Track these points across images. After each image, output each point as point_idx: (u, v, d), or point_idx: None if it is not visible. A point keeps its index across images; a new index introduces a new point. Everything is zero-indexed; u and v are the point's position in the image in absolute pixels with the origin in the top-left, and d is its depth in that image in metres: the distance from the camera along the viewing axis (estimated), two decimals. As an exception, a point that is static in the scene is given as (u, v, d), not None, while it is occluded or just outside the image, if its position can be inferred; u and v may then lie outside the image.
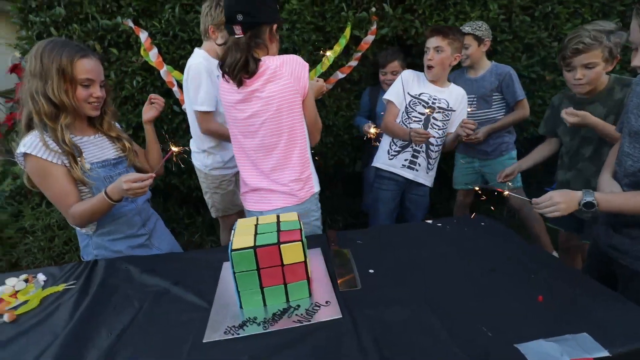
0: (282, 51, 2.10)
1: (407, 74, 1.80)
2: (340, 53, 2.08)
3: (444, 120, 1.77)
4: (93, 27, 1.98)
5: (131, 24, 1.97)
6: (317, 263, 1.07)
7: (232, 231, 0.94)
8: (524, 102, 2.07)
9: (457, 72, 2.10)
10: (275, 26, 1.22)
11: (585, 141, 1.52)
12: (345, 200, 2.86)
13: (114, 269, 1.13)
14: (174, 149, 1.22)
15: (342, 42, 2.06)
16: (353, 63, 2.12)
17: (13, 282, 1.07)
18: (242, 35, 1.15)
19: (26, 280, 1.10)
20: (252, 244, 0.85)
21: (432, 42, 1.69)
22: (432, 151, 1.81)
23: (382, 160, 1.86)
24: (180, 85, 2.06)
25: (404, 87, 1.75)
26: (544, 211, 1.00)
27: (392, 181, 1.84)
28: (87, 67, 1.13)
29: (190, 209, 2.86)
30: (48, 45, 1.12)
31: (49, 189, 1.15)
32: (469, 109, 1.88)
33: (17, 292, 1.05)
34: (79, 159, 1.15)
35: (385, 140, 1.87)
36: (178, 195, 2.70)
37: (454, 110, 1.78)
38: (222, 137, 1.67)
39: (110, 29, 1.97)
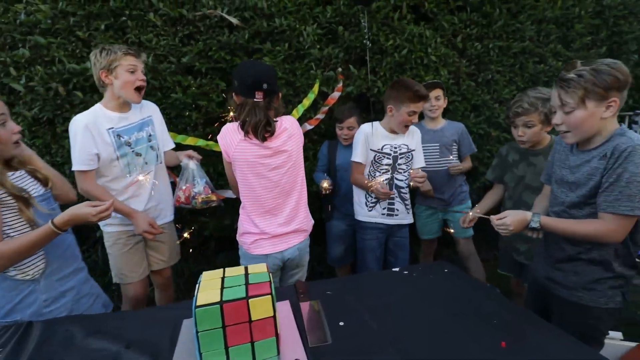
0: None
1: (367, 129, 1.87)
2: (309, 106, 2.20)
3: (408, 163, 1.90)
4: (58, 70, 1.94)
5: (101, 69, 1.96)
6: (285, 317, 1.03)
7: (197, 285, 0.89)
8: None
9: (417, 125, 2.17)
10: (280, 94, 1.48)
11: (529, 189, 1.69)
12: (313, 249, 2.83)
13: (52, 331, 1.00)
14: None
15: (311, 96, 2.20)
16: (320, 116, 2.25)
17: None
18: (262, 100, 1.35)
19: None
20: (218, 299, 0.81)
21: (420, 107, 1.83)
22: (404, 194, 1.92)
23: (361, 213, 1.92)
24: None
25: (367, 144, 1.85)
26: (498, 229, 1.15)
27: (375, 230, 1.89)
28: None
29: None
30: None
31: None
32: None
33: None
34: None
35: (359, 194, 1.93)
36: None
37: (414, 149, 1.92)
38: (97, 199, 1.50)
39: (77, 72, 1.95)
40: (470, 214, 1.35)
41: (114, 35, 2.01)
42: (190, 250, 2.55)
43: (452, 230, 2.10)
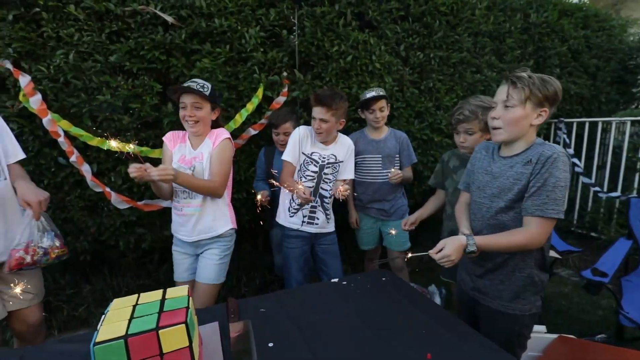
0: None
1: (302, 131, 1.84)
2: (252, 111, 2.14)
3: (334, 173, 1.90)
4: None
5: (9, 66, 1.73)
6: (210, 342, 0.97)
7: (102, 316, 0.80)
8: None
9: (358, 134, 2.21)
10: None
11: None
12: (264, 257, 2.77)
13: None
14: None
15: (255, 101, 2.13)
16: (264, 121, 2.19)
17: None
18: None
19: None
20: (122, 333, 0.73)
21: (317, 112, 1.77)
22: (327, 203, 1.90)
23: (283, 217, 1.89)
24: (68, 136, 1.84)
25: (299, 145, 1.83)
26: (440, 262, 1.13)
27: (298, 238, 1.86)
28: None
29: (75, 276, 2.42)
30: None
31: None
32: (393, 169, 2.03)
33: None
34: None
35: (285, 196, 1.88)
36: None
37: (342, 161, 1.92)
38: None
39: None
40: (409, 255, 1.32)
41: (26, 28, 1.78)
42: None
43: (393, 231, 1.95)
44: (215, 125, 1.72)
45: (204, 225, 1.64)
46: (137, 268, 2.60)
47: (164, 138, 1.71)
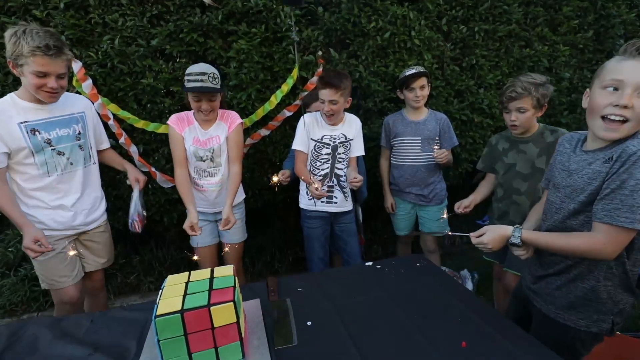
0: (230, 88, 2.12)
1: (308, 119, 1.85)
2: (287, 92, 2.13)
3: (346, 152, 1.90)
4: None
5: (64, 52, 1.84)
6: (253, 318, 1.04)
7: (160, 291, 0.88)
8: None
9: (396, 115, 2.19)
10: None
11: (519, 176, 1.70)
12: (296, 234, 2.85)
13: (17, 337, 0.98)
14: None
15: (290, 82, 2.12)
16: (299, 102, 2.18)
17: None
18: None
19: None
20: (179, 308, 0.80)
21: (326, 94, 1.74)
22: (343, 182, 1.92)
23: (303, 201, 1.94)
24: (116, 119, 1.96)
25: (307, 133, 1.83)
26: (478, 246, 1.09)
27: (317, 219, 1.91)
28: None
29: (125, 246, 2.64)
30: None
31: None
32: (436, 147, 1.99)
33: None
34: None
35: (303, 182, 1.91)
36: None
37: (352, 139, 1.90)
38: (3, 211, 1.40)
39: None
40: (448, 232, 1.29)
41: (76, 15, 1.87)
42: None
43: (445, 215, 1.85)
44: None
45: (223, 198, 1.80)
46: (179, 241, 2.78)
47: (169, 122, 1.73)
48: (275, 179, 1.84)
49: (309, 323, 1.02)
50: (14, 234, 2.43)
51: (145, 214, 1.77)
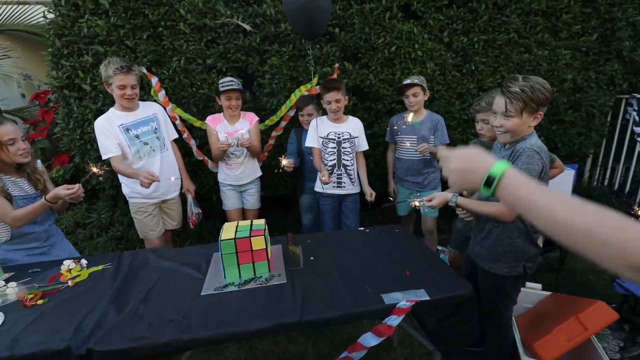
0: (265, 95, 2.69)
1: (314, 123, 2.35)
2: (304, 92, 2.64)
3: (351, 147, 2.38)
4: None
5: (145, 71, 2.51)
6: (277, 253, 1.61)
7: (222, 228, 1.47)
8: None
9: (399, 116, 2.61)
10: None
11: None
12: (296, 218, 3.37)
13: (137, 256, 1.63)
14: (94, 170, 1.77)
15: (308, 86, 2.64)
16: (319, 88, 2.63)
17: (67, 263, 1.56)
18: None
19: (74, 263, 1.59)
20: (233, 236, 1.38)
21: (331, 96, 2.24)
22: (350, 170, 2.41)
23: (318, 186, 2.46)
24: (182, 119, 2.61)
25: (317, 132, 2.35)
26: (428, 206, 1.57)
27: (330, 198, 2.45)
28: (6, 130, 1.58)
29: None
30: None
31: None
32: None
33: (70, 270, 1.54)
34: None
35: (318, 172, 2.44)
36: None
37: (357, 137, 2.39)
38: (125, 175, 2.13)
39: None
40: (417, 202, 1.74)
41: (154, 43, 2.53)
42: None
43: (417, 204, 2.41)
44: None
45: (246, 173, 2.49)
46: (222, 217, 3.44)
47: (206, 121, 2.42)
48: (283, 162, 2.30)
49: (311, 258, 1.57)
50: (104, 205, 3.22)
51: (198, 211, 2.42)
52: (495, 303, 1.58)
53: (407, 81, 2.40)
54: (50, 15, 2.59)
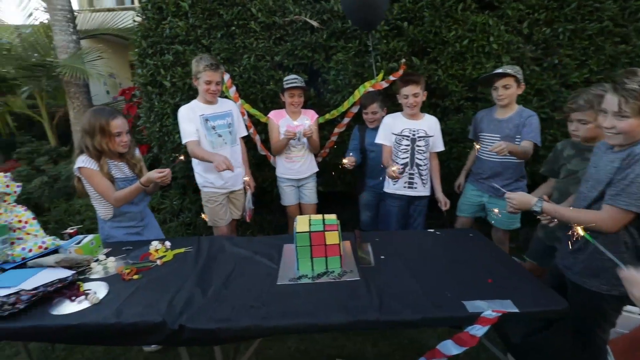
0: (329, 92, 2.71)
1: (388, 119, 2.28)
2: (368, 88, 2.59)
3: (426, 145, 2.26)
4: (191, 70, 2.69)
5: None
6: (347, 248, 1.61)
7: (295, 221, 1.50)
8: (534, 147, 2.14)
9: (486, 111, 2.32)
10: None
11: (578, 182, 1.69)
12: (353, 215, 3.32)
13: (214, 242, 1.74)
14: (182, 158, 2.04)
15: (373, 81, 2.59)
16: (384, 84, 2.58)
17: (155, 244, 1.71)
18: None
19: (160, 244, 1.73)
20: (308, 230, 1.41)
21: (409, 90, 2.15)
22: (423, 170, 2.29)
23: (388, 186, 2.37)
24: (249, 114, 2.72)
25: (389, 129, 2.28)
26: (507, 200, 1.44)
27: (398, 199, 2.35)
28: (118, 123, 1.78)
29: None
30: (92, 111, 1.81)
31: (98, 185, 1.79)
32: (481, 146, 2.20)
33: (157, 250, 1.69)
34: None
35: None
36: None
37: (432, 136, 2.27)
38: (201, 158, 2.22)
39: (203, 71, 2.67)
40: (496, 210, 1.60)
41: (226, 41, 2.67)
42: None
43: (496, 211, 2.11)
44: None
45: (305, 168, 2.57)
46: (281, 210, 3.54)
47: (269, 116, 2.52)
48: (344, 160, 2.31)
49: (382, 257, 1.54)
50: (175, 193, 3.49)
51: (253, 207, 2.51)
52: (589, 323, 1.41)
53: (499, 70, 2.15)
54: (138, 19, 2.85)
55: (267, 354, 1.98)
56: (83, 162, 1.78)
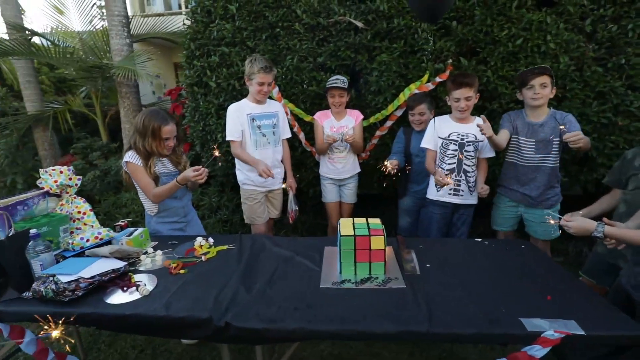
0: (371, 93, 2.66)
1: (436, 121, 2.19)
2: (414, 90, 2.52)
3: (475, 151, 2.13)
4: (235, 71, 2.76)
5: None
6: (390, 254, 1.56)
7: (338, 225, 1.48)
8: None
9: (517, 113, 2.17)
10: None
11: None
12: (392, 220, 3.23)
13: (255, 241, 1.76)
14: (216, 153, 2.02)
15: (418, 83, 2.51)
16: (430, 85, 2.50)
17: (199, 240, 1.76)
18: None
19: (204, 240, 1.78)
20: (352, 234, 1.37)
21: (462, 92, 2.05)
22: (470, 177, 2.16)
23: (432, 192, 2.28)
24: (292, 114, 2.74)
25: (436, 133, 2.17)
26: (563, 226, 1.33)
27: (441, 207, 2.24)
28: (169, 129, 1.87)
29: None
30: (148, 113, 1.86)
31: (140, 181, 1.88)
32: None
33: (201, 245, 1.73)
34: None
35: (433, 177, 2.21)
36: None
37: (482, 140, 2.12)
38: (242, 160, 2.30)
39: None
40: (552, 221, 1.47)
41: (271, 43, 2.70)
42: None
43: (552, 222, 1.79)
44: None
45: (346, 168, 2.57)
46: (316, 210, 3.55)
47: (315, 117, 2.55)
48: (386, 163, 2.23)
49: (427, 265, 1.48)
50: (214, 190, 3.60)
51: (296, 208, 2.51)
52: None
53: (537, 66, 2.03)
54: (188, 22, 2.97)
55: (300, 355, 1.97)
56: (130, 157, 1.88)
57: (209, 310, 1.20)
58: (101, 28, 5.12)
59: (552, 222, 1.80)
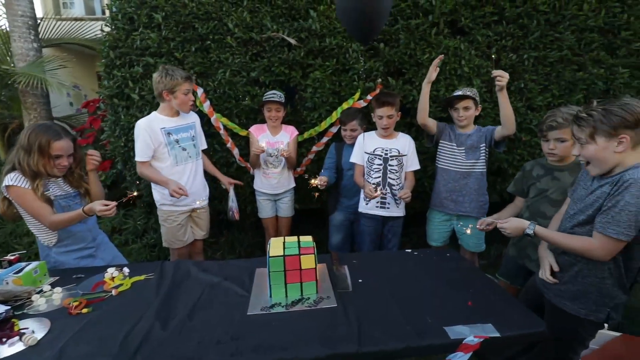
0: (306, 109, 2.67)
1: (361, 138, 2.29)
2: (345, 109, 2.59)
3: (399, 165, 2.26)
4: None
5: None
6: (323, 272, 1.52)
7: (268, 245, 1.40)
8: None
9: (450, 127, 2.35)
10: None
11: (548, 201, 1.75)
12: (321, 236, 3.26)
13: (179, 267, 1.59)
14: (134, 194, 1.83)
15: (350, 101, 2.60)
16: (362, 103, 2.60)
17: (111, 271, 1.54)
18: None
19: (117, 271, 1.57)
20: (282, 254, 1.31)
21: (384, 111, 2.17)
22: (395, 189, 2.27)
23: (362, 206, 2.36)
24: (225, 129, 2.62)
25: (362, 148, 2.27)
26: (500, 229, 1.43)
27: (372, 219, 2.32)
28: (60, 145, 1.60)
29: (214, 229, 3.33)
30: (36, 127, 1.60)
31: (30, 207, 1.58)
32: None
33: (113, 277, 1.52)
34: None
35: (362, 190, 2.30)
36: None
37: (406, 155, 2.27)
38: (152, 181, 2.16)
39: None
40: (487, 219, 1.59)
41: (201, 55, 2.59)
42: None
43: (468, 231, 2.08)
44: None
45: (281, 183, 2.56)
46: (255, 228, 3.40)
47: (250, 130, 2.52)
48: (314, 181, 2.26)
49: (360, 280, 1.47)
50: (140, 212, 3.27)
51: (237, 206, 2.41)
52: (564, 346, 1.40)
53: (458, 92, 2.25)
54: (107, 29, 2.72)
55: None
56: (12, 179, 1.57)
57: (112, 356, 1.03)
58: (4, 29, 4.47)
59: (468, 231, 1.96)
